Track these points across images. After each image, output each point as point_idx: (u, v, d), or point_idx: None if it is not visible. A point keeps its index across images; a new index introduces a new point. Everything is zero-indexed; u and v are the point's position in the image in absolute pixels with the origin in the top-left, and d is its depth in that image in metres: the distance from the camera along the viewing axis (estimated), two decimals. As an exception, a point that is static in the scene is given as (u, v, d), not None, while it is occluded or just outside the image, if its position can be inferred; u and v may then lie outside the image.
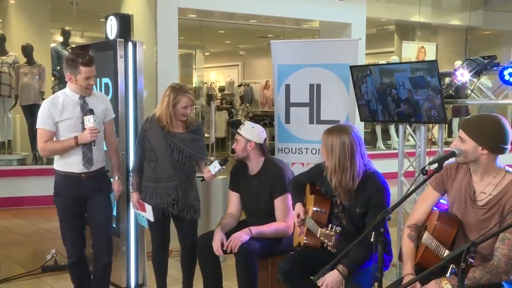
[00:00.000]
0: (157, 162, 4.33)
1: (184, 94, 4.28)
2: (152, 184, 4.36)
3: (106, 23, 5.16)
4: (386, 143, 12.83)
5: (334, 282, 3.49)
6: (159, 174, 4.34)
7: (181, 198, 4.35)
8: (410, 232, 3.23)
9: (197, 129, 4.45)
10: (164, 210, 4.35)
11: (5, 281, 5.27)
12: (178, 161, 4.30)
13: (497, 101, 4.68)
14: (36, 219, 8.04)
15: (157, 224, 4.43)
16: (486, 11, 14.47)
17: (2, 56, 9.52)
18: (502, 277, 2.88)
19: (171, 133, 4.30)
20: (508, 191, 2.95)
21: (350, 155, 3.57)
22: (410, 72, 4.46)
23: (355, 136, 3.62)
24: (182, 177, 4.34)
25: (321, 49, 5.69)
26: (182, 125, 4.36)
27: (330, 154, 3.59)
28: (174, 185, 4.33)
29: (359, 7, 11.14)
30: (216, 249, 4.04)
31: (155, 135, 4.32)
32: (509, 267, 2.86)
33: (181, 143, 4.30)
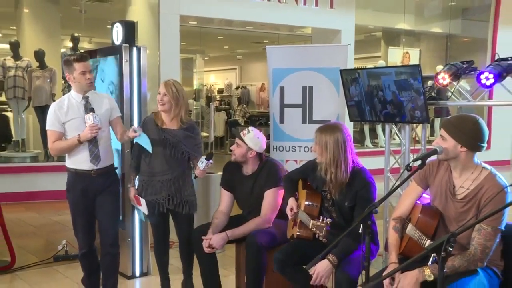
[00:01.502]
0: (151, 156, 4.32)
1: (162, 83, 4.27)
2: (147, 178, 4.36)
3: (112, 29, 5.18)
4: (373, 141, 12.87)
5: (325, 271, 3.51)
6: (153, 168, 4.33)
7: (175, 193, 4.33)
8: (395, 224, 3.24)
9: (191, 127, 4.43)
10: (160, 205, 4.34)
11: (21, 269, 5.33)
12: (171, 156, 4.28)
13: (475, 103, 4.71)
14: (47, 212, 8.06)
15: (156, 219, 4.45)
16: (464, 20, 14.59)
17: (16, 61, 9.60)
18: (478, 264, 2.91)
19: (164, 129, 4.32)
20: (484, 186, 2.98)
21: (343, 150, 3.61)
22: (395, 75, 4.48)
23: (346, 133, 3.66)
24: (176, 171, 4.32)
25: (313, 54, 5.69)
26: (176, 123, 4.36)
27: (325, 150, 3.60)
28: (167, 179, 4.31)
29: (349, 15, 11.15)
30: (205, 248, 4.06)
31: (149, 131, 4.32)
32: (484, 255, 2.90)
33: (173, 139, 4.29)
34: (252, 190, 4.24)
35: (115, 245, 4.32)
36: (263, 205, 4.16)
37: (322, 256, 3.29)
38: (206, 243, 4.05)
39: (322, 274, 3.52)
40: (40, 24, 10.93)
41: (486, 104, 6.15)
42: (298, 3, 10.49)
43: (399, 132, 5.18)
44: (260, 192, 4.19)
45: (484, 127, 3.02)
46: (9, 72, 9.53)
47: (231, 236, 4.09)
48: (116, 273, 4.41)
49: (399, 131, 5.19)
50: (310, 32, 11.95)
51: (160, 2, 9.19)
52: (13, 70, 9.52)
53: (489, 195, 2.92)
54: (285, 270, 3.74)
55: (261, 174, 4.23)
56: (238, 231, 4.11)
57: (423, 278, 2.86)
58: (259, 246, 3.94)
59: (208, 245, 4.04)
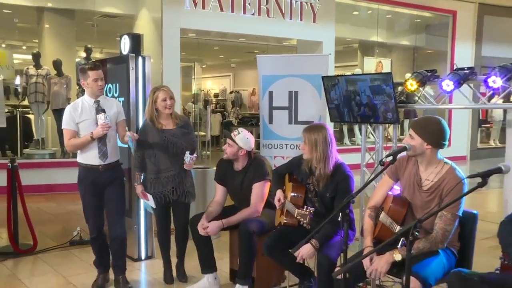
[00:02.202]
0: (156, 156, 4.32)
1: (160, 90, 4.29)
2: (154, 175, 4.35)
3: (121, 41, 5.16)
4: (351, 140, 12.88)
5: (308, 254, 3.52)
6: (159, 166, 4.33)
7: (178, 185, 4.35)
8: (370, 212, 3.25)
9: (185, 124, 4.44)
10: (165, 196, 4.35)
11: (41, 252, 5.38)
12: (173, 153, 4.28)
13: (437, 106, 4.73)
14: (64, 202, 8.07)
15: (160, 209, 4.43)
16: (428, 35, 14.72)
17: (37, 70, 9.66)
18: (439, 246, 2.96)
19: (164, 131, 4.29)
20: (446, 179, 3.01)
21: (331, 146, 3.63)
22: (370, 81, 4.49)
23: (330, 131, 3.69)
24: (178, 166, 4.32)
25: (298, 62, 5.68)
26: (172, 122, 4.34)
27: (315, 148, 3.61)
28: (172, 175, 4.32)
29: (329, 29, 11.15)
30: (200, 231, 4.07)
31: (151, 134, 4.31)
32: (445, 238, 2.94)
33: (173, 138, 4.29)
34: (242, 183, 4.22)
35: (122, 231, 4.34)
36: (252, 196, 4.15)
37: (306, 241, 3.30)
38: (201, 229, 4.06)
39: (306, 257, 3.53)
40: (58, 37, 10.97)
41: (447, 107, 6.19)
42: (285, 18, 10.50)
43: (374, 132, 5.18)
44: (249, 185, 4.18)
45: (446, 127, 3.06)
46: (31, 80, 9.58)
47: (226, 223, 4.08)
48: (124, 256, 4.43)
49: (373, 131, 5.18)
50: (295, 43, 11.94)
51: (163, 17, 9.18)
52: (34, 78, 9.57)
53: (450, 186, 2.95)
54: (273, 254, 3.74)
55: (250, 169, 4.21)
56: (232, 219, 4.10)
57: (393, 259, 2.87)
58: (251, 232, 3.94)
59: (203, 230, 4.05)
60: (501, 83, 3.82)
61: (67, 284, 4.49)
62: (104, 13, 10.87)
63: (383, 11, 13.33)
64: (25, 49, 13.42)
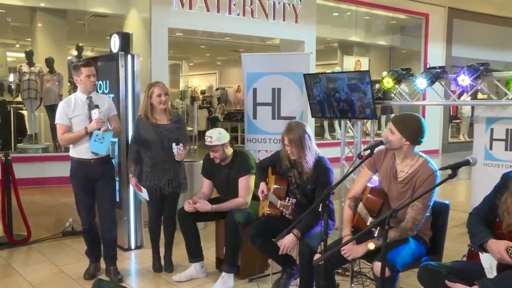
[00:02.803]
0: (152, 150, 4.28)
1: (155, 85, 4.27)
2: (151, 168, 4.32)
3: (111, 40, 5.10)
4: (331, 134, 12.92)
5: (290, 243, 3.52)
6: (155, 160, 4.30)
7: (174, 178, 4.33)
8: (350, 202, 3.27)
9: (179, 119, 4.42)
10: (161, 189, 4.32)
11: (35, 242, 5.34)
12: (168, 148, 4.25)
13: (412, 102, 4.77)
14: (57, 194, 8.00)
15: (154, 200, 4.40)
16: (403, 35, 14.87)
17: (30, 67, 9.57)
18: (409, 233, 2.99)
19: (159, 125, 4.26)
20: (419, 171, 3.03)
21: (311, 141, 3.63)
22: (347, 80, 4.52)
23: (307, 127, 3.68)
24: (173, 160, 4.28)
25: (281, 60, 5.67)
26: (166, 118, 4.31)
27: (300, 145, 3.57)
28: (167, 167, 4.30)
29: (311, 29, 11.16)
30: (186, 207, 4.08)
31: (146, 130, 4.27)
32: (414, 226, 2.97)
33: (168, 132, 4.26)
34: (227, 177, 4.22)
35: (113, 222, 4.32)
36: (239, 189, 4.14)
37: (288, 231, 3.31)
38: (187, 205, 4.07)
39: (288, 246, 3.53)
40: (50, 36, 10.86)
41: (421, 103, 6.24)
42: (268, 18, 10.49)
43: (353, 127, 5.19)
44: (234, 178, 4.17)
45: (425, 126, 3.08)
46: (24, 77, 9.48)
47: (215, 209, 4.09)
48: (115, 247, 4.40)
49: (352, 126, 5.20)
50: (278, 42, 11.94)
51: (152, 17, 9.11)
52: (27, 75, 9.47)
53: (422, 178, 2.97)
54: (257, 243, 3.74)
55: (234, 164, 4.21)
56: (222, 206, 4.11)
57: (367, 249, 2.90)
58: (236, 223, 3.94)
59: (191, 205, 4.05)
60: (469, 81, 3.85)
61: (60, 273, 4.46)
62: (95, 13, 10.79)
63: (361, 13, 13.38)
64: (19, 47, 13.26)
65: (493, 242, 2.43)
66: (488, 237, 2.46)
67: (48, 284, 4.19)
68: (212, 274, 4.35)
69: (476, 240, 2.52)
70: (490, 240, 2.44)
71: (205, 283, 4.17)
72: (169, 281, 4.26)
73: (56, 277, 4.37)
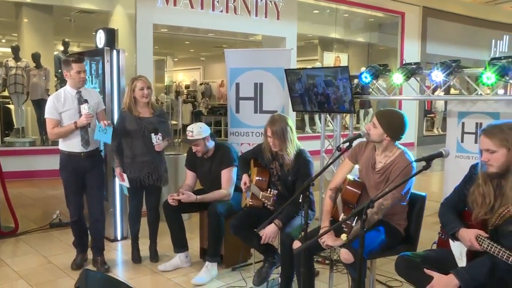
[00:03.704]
0: (133, 142, 4.24)
1: (138, 79, 4.24)
2: (131, 160, 4.28)
3: (96, 35, 5.03)
4: (312, 128, 12.97)
5: (271, 232, 3.53)
6: (135, 151, 4.26)
7: (153, 171, 4.29)
8: (331, 193, 3.27)
9: (161, 113, 4.38)
10: (141, 181, 4.29)
11: (23, 233, 5.28)
12: (149, 140, 4.21)
13: (389, 97, 4.80)
14: (44, 187, 7.91)
15: (134, 192, 4.38)
16: (380, 33, 15.02)
17: (17, 62, 9.41)
18: (375, 217, 2.99)
19: (141, 118, 4.23)
20: (395, 161, 3.04)
21: (292, 133, 3.63)
22: (324, 76, 4.58)
23: (289, 120, 3.69)
24: (153, 153, 4.25)
25: (263, 56, 5.67)
26: (148, 111, 4.28)
27: (282, 137, 3.58)
28: (147, 160, 4.26)
29: (292, 25, 11.16)
30: (169, 200, 4.07)
31: (129, 122, 4.23)
32: (379, 210, 2.98)
33: (149, 125, 4.22)
34: (210, 169, 4.21)
35: (102, 214, 4.30)
36: (222, 181, 4.14)
37: (270, 221, 3.31)
38: (170, 199, 4.06)
39: (270, 235, 3.54)
40: (37, 31, 10.68)
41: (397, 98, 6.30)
42: (251, 15, 10.46)
43: (332, 120, 5.21)
44: (216, 171, 4.17)
45: (407, 123, 3.09)
46: (11, 71, 9.32)
47: (199, 199, 4.08)
48: (102, 237, 4.38)
49: (332, 120, 5.22)
50: (260, 38, 11.92)
51: (137, 13, 9.02)
52: (14, 70, 9.31)
53: (397, 168, 2.98)
54: (240, 233, 3.74)
55: (216, 156, 4.20)
56: (206, 197, 4.10)
57: (341, 242, 2.93)
58: (218, 214, 3.94)
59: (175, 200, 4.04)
60: (442, 77, 3.89)
61: (48, 264, 4.41)
62: (81, 9, 10.65)
63: (341, 11, 13.43)
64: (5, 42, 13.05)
65: (464, 231, 2.46)
66: (459, 226, 2.50)
67: (36, 275, 4.14)
68: (196, 263, 4.34)
69: (448, 229, 2.56)
70: (461, 229, 2.48)
71: (189, 272, 4.16)
72: (154, 270, 4.25)
73: (44, 267, 4.33)
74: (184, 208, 4.15)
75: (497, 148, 2.37)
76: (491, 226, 2.41)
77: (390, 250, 3.11)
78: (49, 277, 4.10)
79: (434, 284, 2.38)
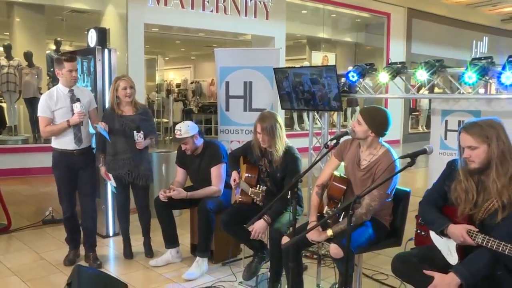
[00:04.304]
0: (115, 140, 4.22)
1: (121, 79, 4.22)
2: (112, 157, 4.26)
3: (88, 34, 4.99)
4: (300, 126, 12.99)
5: (261, 228, 3.53)
6: (116, 148, 4.24)
7: (134, 168, 4.25)
8: (318, 190, 3.28)
9: (144, 112, 4.35)
10: (122, 179, 4.27)
11: (16, 230, 5.25)
12: (130, 138, 4.19)
13: (375, 95, 4.81)
14: (37, 184, 7.86)
15: (120, 189, 4.37)
16: (367, 33, 15.11)
17: (9, 61, 9.35)
18: (363, 218, 3.01)
19: (123, 116, 4.21)
20: (380, 160, 3.06)
21: (281, 130, 3.65)
22: (309, 75, 4.59)
23: (279, 117, 3.70)
24: (134, 151, 4.22)
25: (252, 55, 5.65)
26: (131, 109, 4.25)
27: (272, 134, 3.59)
28: (128, 157, 4.23)
29: (281, 25, 11.17)
30: (161, 196, 4.06)
31: (111, 120, 4.21)
32: (368, 211, 3.00)
33: (131, 122, 4.20)
34: (199, 167, 4.21)
35: (94, 211, 4.29)
36: (212, 178, 4.14)
37: (259, 217, 3.31)
38: (161, 195, 4.05)
39: (259, 231, 3.54)
40: (29, 30, 10.60)
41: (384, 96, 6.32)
42: (240, 15, 10.45)
43: (320, 118, 5.22)
44: (206, 167, 4.17)
45: (391, 120, 3.10)
46: (3, 70, 9.24)
47: (190, 195, 4.08)
48: (95, 234, 4.37)
49: (320, 118, 5.22)
50: (250, 38, 11.92)
51: (128, 13, 8.97)
52: (6, 68, 9.24)
53: (382, 167, 3.00)
54: (229, 229, 3.74)
55: (205, 154, 4.20)
56: (196, 193, 4.10)
57: (326, 236, 2.96)
58: (208, 210, 3.94)
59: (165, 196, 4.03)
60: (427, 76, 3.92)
61: (40, 260, 4.38)
62: (72, 9, 10.58)
63: (328, 11, 13.45)
64: (-4, 41, 12.89)
65: (453, 227, 2.46)
66: (448, 223, 2.49)
67: (28, 271, 4.12)
68: (187, 259, 4.34)
69: (436, 226, 2.54)
70: (450, 225, 2.48)
71: (180, 268, 4.16)
72: (146, 266, 4.24)
73: (37, 263, 4.30)
74: (174, 204, 4.14)
75: (478, 144, 2.40)
76: (477, 220, 2.43)
77: (376, 245, 3.13)
78: (42, 273, 4.07)
79: (437, 284, 2.35)
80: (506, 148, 2.38)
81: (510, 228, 2.31)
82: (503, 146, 2.38)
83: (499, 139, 2.38)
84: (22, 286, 3.82)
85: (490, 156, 2.39)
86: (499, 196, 2.36)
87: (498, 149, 2.37)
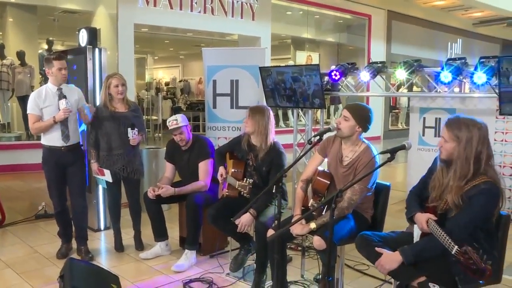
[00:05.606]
0: (108, 136, 4.19)
1: (113, 77, 4.19)
2: (106, 153, 4.23)
3: (79, 34, 4.94)
4: (285, 122, 13.01)
5: (247, 221, 3.54)
6: (110, 145, 4.21)
7: (128, 163, 4.23)
8: (303, 184, 3.29)
9: (136, 109, 4.33)
10: (116, 174, 4.24)
11: (10, 225, 5.19)
12: (124, 134, 4.16)
13: (357, 94, 4.86)
14: (30, 180, 7.77)
15: (111, 184, 4.32)
16: (349, 34, 15.17)
17: (2, 60, 9.24)
18: (345, 212, 3.04)
19: (116, 113, 4.18)
20: (360, 157, 3.08)
21: (269, 124, 3.67)
22: (291, 73, 4.61)
23: (271, 112, 3.74)
24: (127, 146, 4.20)
25: (239, 54, 5.64)
26: (124, 106, 4.22)
27: (257, 123, 3.63)
28: (122, 153, 4.21)
29: (266, 26, 11.16)
30: (149, 194, 4.05)
31: (104, 117, 4.18)
32: (350, 205, 3.03)
33: (125, 119, 4.18)
34: (188, 161, 4.19)
35: (84, 207, 4.25)
36: (200, 173, 4.12)
37: (245, 211, 3.31)
38: (150, 193, 4.03)
39: (245, 224, 3.55)
40: (21, 30, 10.45)
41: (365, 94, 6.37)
42: (227, 15, 10.42)
43: (304, 115, 5.23)
44: (194, 163, 4.15)
45: (373, 115, 3.13)
46: (-4, 69, 9.12)
47: (178, 191, 4.06)
48: (86, 228, 4.33)
49: (304, 115, 5.23)
50: (237, 38, 11.88)
51: (119, 13, 8.88)
52: (-1, 67, 9.11)
53: (363, 163, 3.02)
54: (217, 222, 3.73)
55: (194, 148, 4.19)
56: (184, 189, 4.08)
57: (309, 229, 2.98)
58: (196, 204, 3.93)
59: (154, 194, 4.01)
60: (406, 75, 3.95)
61: (34, 253, 4.34)
62: (64, 9, 10.45)
63: (312, 12, 13.48)
64: (-11, 41, 12.68)
65: (419, 215, 2.54)
66: (416, 211, 2.58)
67: (22, 264, 4.07)
68: (176, 251, 4.33)
69: (406, 213, 2.67)
70: (417, 213, 2.56)
71: (169, 260, 4.14)
72: (136, 258, 4.22)
73: (30, 256, 4.25)
74: (163, 199, 4.12)
75: (449, 139, 2.46)
76: (440, 210, 2.49)
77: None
78: (36, 266, 4.03)
79: (382, 259, 2.50)
80: (472, 154, 2.40)
81: (460, 222, 2.38)
82: (469, 151, 2.40)
83: (469, 144, 2.40)
84: (16, 278, 3.78)
85: (454, 154, 2.45)
86: (450, 195, 2.43)
87: (464, 152, 2.41)
